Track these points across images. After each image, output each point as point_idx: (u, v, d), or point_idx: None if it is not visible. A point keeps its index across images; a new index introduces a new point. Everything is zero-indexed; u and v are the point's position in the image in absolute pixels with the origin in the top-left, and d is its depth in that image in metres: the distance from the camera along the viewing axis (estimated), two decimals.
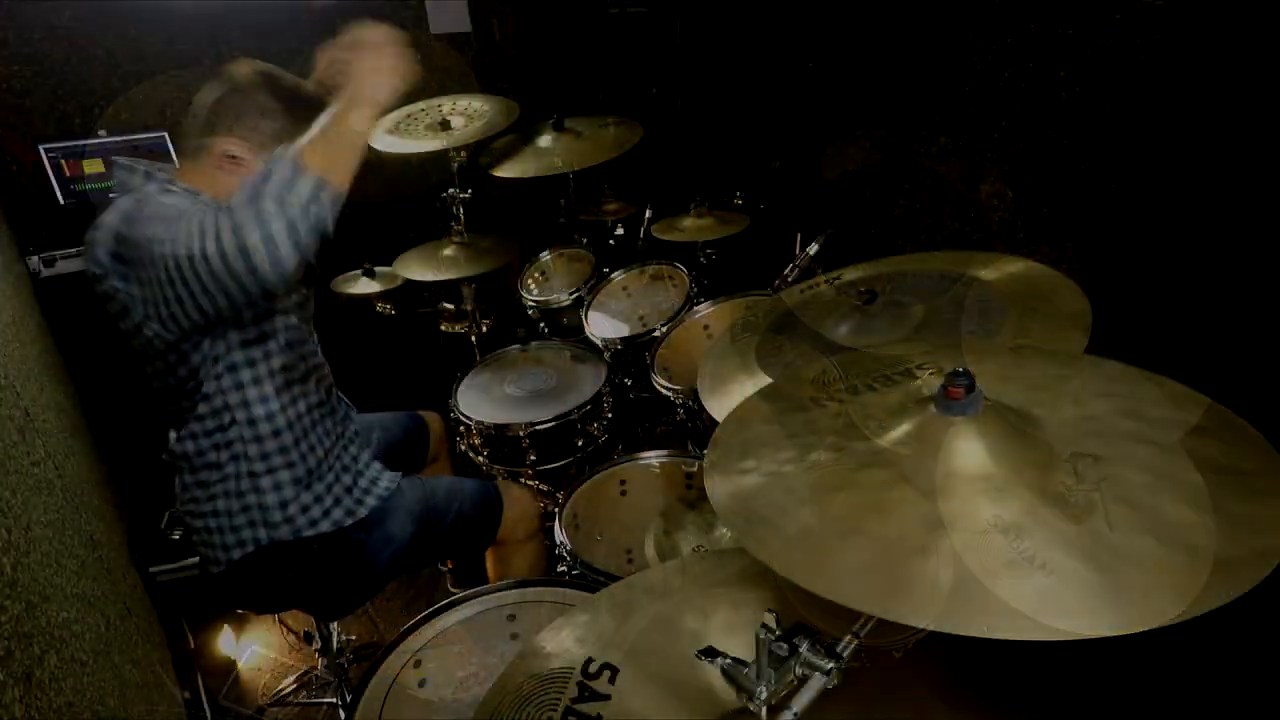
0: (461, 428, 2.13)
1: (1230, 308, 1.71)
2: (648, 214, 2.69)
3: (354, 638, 1.97)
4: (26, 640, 0.99)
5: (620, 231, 2.76)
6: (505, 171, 2.40)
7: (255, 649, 2.28)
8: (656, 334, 2.18)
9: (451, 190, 2.41)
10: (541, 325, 2.52)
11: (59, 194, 2.44)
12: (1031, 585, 0.60)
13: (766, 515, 0.74)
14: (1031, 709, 0.84)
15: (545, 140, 2.49)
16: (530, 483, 2.14)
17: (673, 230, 2.46)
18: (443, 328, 2.67)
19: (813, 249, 1.78)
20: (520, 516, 1.73)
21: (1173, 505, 0.64)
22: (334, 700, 1.91)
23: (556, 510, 1.75)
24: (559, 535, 1.64)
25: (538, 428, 1.99)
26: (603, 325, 2.35)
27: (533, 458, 2.04)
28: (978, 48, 2.27)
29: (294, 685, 2.10)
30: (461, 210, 2.44)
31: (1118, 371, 0.85)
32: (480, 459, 2.10)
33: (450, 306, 2.65)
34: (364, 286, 2.53)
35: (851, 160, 2.79)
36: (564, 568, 1.60)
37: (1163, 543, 0.61)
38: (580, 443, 2.07)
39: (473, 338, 2.61)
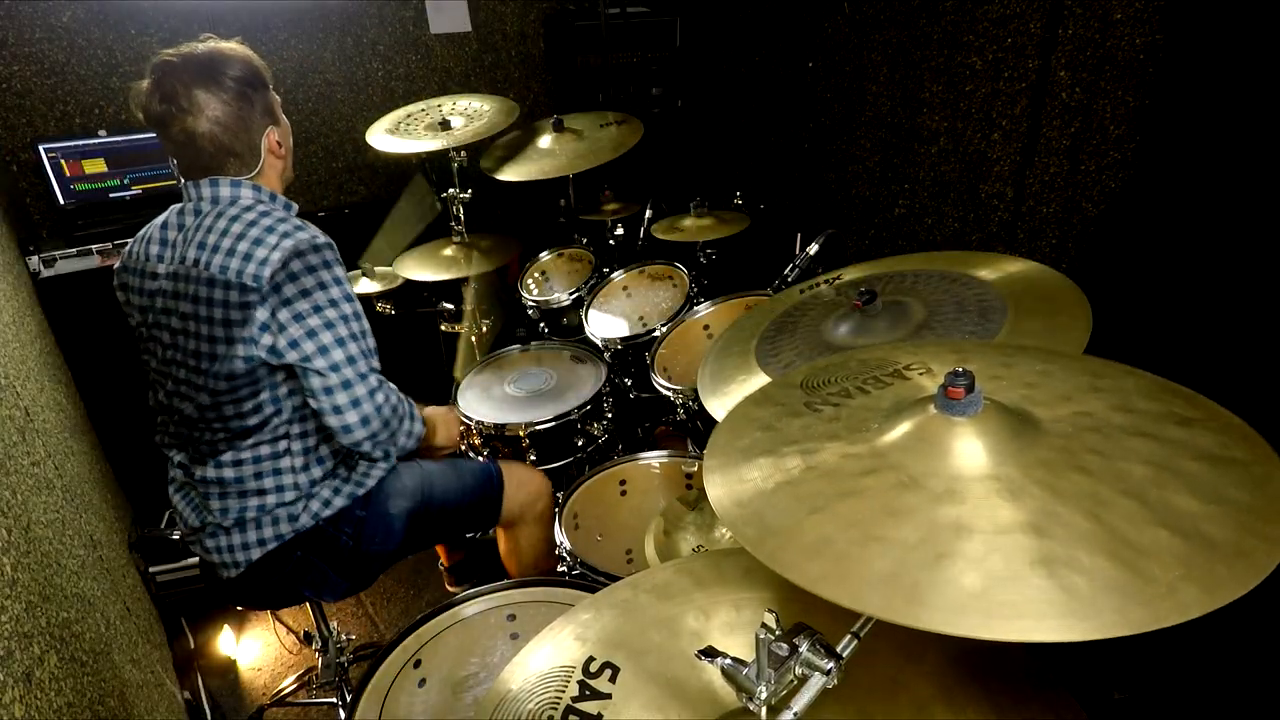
0: (461, 428, 2.13)
1: (1219, 307, 1.71)
2: (648, 214, 2.69)
3: (354, 637, 1.97)
4: (26, 640, 0.99)
5: (620, 231, 2.75)
6: (506, 175, 2.40)
7: (255, 649, 2.29)
8: (656, 334, 2.18)
9: (451, 190, 2.40)
10: (541, 325, 2.52)
11: (59, 194, 2.44)
12: (1060, 585, 0.59)
13: (778, 527, 0.72)
14: (1032, 708, 0.84)
15: (545, 141, 2.49)
16: None
17: (673, 230, 2.46)
18: (443, 328, 2.67)
19: (813, 249, 1.78)
20: (527, 497, 1.75)
21: (1179, 497, 0.64)
22: (334, 700, 1.91)
23: (556, 510, 1.75)
24: (559, 535, 1.64)
25: (538, 428, 1.99)
26: (603, 325, 2.35)
27: (533, 458, 2.04)
28: (978, 48, 2.27)
29: (294, 685, 2.10)
30: (461, 210, 2.43)
31: (1099, 367, 0.84)
32: (480, 459, 2.10)
33: (450, 306, 2.64)
34: (364, 286, 2.53)
35: (851, 160, 2.79)
36: (564, 568, 1.60)
37: (1177, 535, 0.61)
38: (580, 443, 2.07)
39: (473, 338, 2.60)
